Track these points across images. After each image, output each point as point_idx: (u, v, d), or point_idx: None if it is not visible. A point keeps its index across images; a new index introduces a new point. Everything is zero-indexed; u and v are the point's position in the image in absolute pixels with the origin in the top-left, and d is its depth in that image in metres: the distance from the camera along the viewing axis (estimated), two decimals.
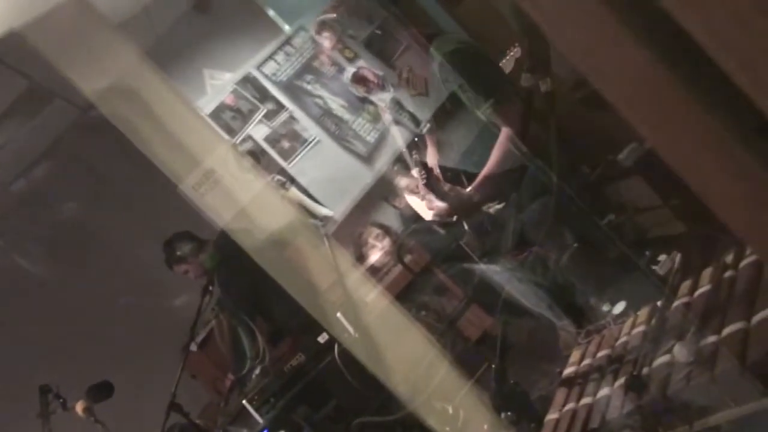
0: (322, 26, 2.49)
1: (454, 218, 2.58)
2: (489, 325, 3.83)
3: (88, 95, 4.20)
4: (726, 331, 1.62)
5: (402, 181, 3.67)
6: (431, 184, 2.46)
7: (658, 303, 2.06)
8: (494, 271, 2.74)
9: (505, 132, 2.41)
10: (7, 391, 4.38)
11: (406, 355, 3.74)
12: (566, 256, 2.74)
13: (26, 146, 4.36)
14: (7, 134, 4.01)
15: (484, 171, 2.46)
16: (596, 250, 2.73)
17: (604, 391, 1.90)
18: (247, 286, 3.66)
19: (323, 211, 4.75)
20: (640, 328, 2.08)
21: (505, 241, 2.62)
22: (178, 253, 3.82)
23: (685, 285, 2.04)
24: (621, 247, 2.72)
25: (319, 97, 4.82)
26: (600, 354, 2.18)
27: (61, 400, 3.25)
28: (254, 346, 3.75)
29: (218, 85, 4.79)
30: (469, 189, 2.50)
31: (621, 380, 1.86)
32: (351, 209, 4.66)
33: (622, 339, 2.14)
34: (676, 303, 1.97)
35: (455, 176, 2.56)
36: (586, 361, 2.21)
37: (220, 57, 4.79)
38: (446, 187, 2.45)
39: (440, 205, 2.50)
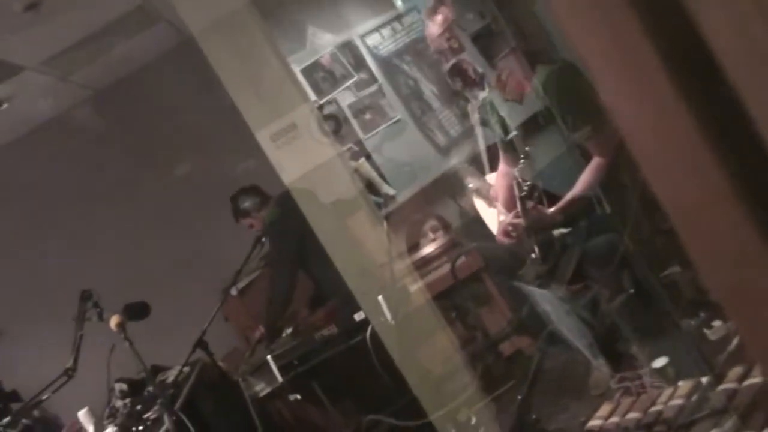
0: (436, 9, 2.45)
1: (527, 240, 2.53)
2: (525, 344, 3.78)
3: (189, 26, 4.27)
4: None
5: (472, 182, 3.63)
6: (522, 199, 2.40)
7: (703, 380, 1.98)
8: (544, 296, 2.69)
9: (597, 161, 2.34)
10: (50, 289, 4.56)
11: (434, 355, 3.72)
12: (620, 299, 2.67)
13: (121, 60, 4.46)
14: (107, 44, 4.10)
15: (571, 196, 2.39)
16: (651, 300, 2.65)
17: None
18: (298, 246, 3.70)
19: (388, 190, 4.75)
20: (678, 401, 2.00)
21: (563, 269, 2.56)
22: (243, 206, 3.90)
23: (736, 371, 1.95)
24: (676, 302, 2.64)
25: (413, 79, 4.79)
26: (630, 416, 2.10)
27: (98, 310, 3.34)
28: (290, 304, 3.79)
29: (318, 44, 4.81)
30: (551, 210, 2.43)
31: None
32: (414, 195, 4.65)
33: (657, 407, 2.06)
34: (722, 386, 1.89)
35: (530, 191, 2.49)
36: (614, 419, 2.14)
37: (328, 17, 4.80)
38: (529, 204, 2.39)
39: (516, 221, 2.44)
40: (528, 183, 2.32)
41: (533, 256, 2.55)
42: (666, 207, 0.60)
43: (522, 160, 2.40)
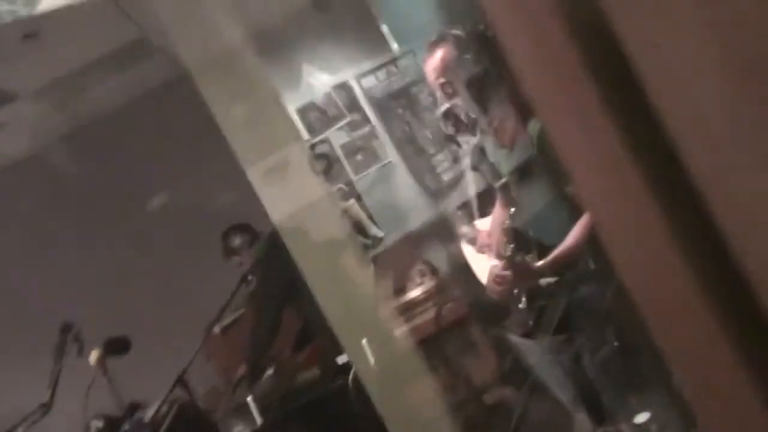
0: (437, 44, 2.45)
1: (514, 291, 2.50)
2: (507, 395, 3.75)
3: (185, 61, 4.30)
4: None
5: (462, 229, 3.63)
6: (502, 250, 2.38)
7: None
8: (527, 346, 2.67)
9: (588, 216, 2.33)
10: (29, 320, 4.50)
11: (416, 402, 3.68)
12: (604, 351, 2.65)
13: (115, 91, 4.47)
14: (99, 78, 4.12)
15: (562, 250, 2.37)
16: (635, 354, 2.64)
17: None
18: (284, 283, 3.67)
19: (376, 232, 4.75)
20: None
21: (548, 319, 2.55)
22: (232, 244, 3.87)
23: None
24: (660, 357, 2.62)
25: (407, 123, 4.83)
26: None
27: (78, 343, 3.30)
28: (274, 342, 3.75)
29: (313, 84, 4.85)
30: (539, 264, 2.41)
31: None
32: (403, 239, 4.65)
33: None
34: None
35: (520, 240, 2.48)
36: None
37: (324, 58, 4.85)
38: (517, 257, 2.37)
39: (504, 274, 2.43)
40: (511, 246, 2.31)
41: (521, 306, 2.53)
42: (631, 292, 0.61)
43: (512, 210, 2.40)
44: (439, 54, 2.38)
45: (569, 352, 2.72)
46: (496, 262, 2.61)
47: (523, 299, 2.52)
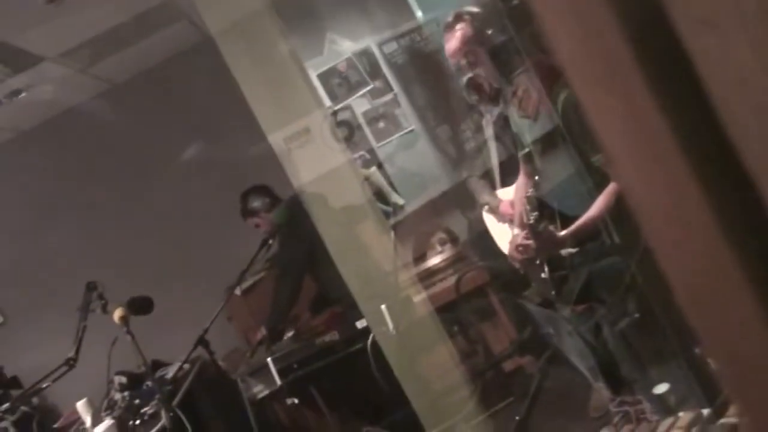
0: (454, 25, 2.44)
1: (537, 261, 2.50)
2: (526, 362, 3.77)
3: (209, 26, 4.30)
4: None
5: (483, 197, 3.62)
6: (533, 221, 2.37)
7: (704, 412, 1.96)
8: (548, 316, 2.68)
9: (614, 186, 2.31)
10: (56, 278, 4.58)
11: (434, 368, 3.71)
12: (624, 323, 2.66)
13: (139, 55, 4.48)
14: (126, 39, 4.13)
15: (584, 220, 2.36)
16: (656, 326, 2.64)
17: None
18: (305, 250, 3.69)
19: (397, 199, 4.75)
20: None
21: (569, 290, 2.55)
22: (251, 205, 3.88)
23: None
24: (681, 329, 2.62)
25: (430, 90, 4.80)
26: None
27: (103, 302, 3.36)
28: (293, 308, 3.78)
29: (336, 50, 4.82)
30: (562, 233, 2.40)
31: None
32: (423, 206, 4.65)
33: None
34: (722, 420, 1.87)
35: (543, 209, 2.47)
36: None
37: (346, 24, 4.82)
38: (540, 226, 2.36)
39: (526, 243, 2.42)
40: (535, 214, 2.30)
41: (543, 275, 2.53)
42: (666, 271, 0.61)
43: (536, 178, 2.39)
44: (458, 33, 2.37)
45: (589, 322, 2.73)
46: (518, 231, 2.61)
47: (546, 269, 2.52)
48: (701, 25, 0.50)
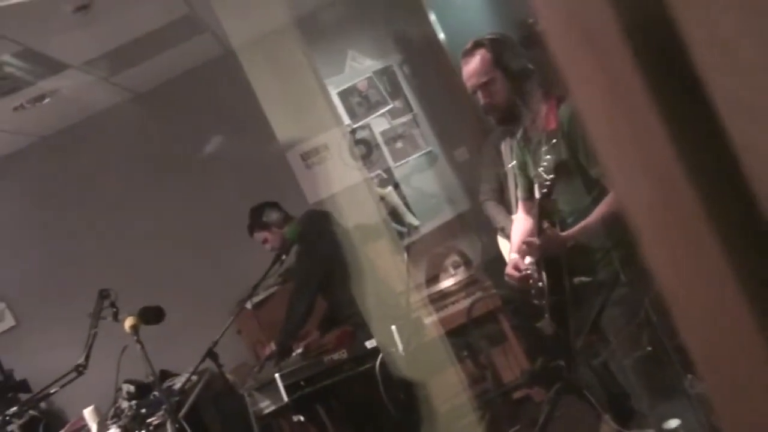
0: (473, 51, 2.45)
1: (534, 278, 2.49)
2: (534, 392, 3.74)
3: (231, 40, 4.34)
4: None
5: (499, 221, 3.61)
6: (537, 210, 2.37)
7: None
8: (558, 346, 2.65)
9: (614, 194, 2.30)
10: (69, 284, 4.61)
11: (442, 391, 3.68)
12: (636, 355, 2.63)
13: (162, 66, 4.53)
14: (150, 49, 4.17)
15: (585, 223, 2.36)
16: (667, 360, 2.61)
17: None
18: (322, 267, 3.67)
19: (412, 220, 4.75)
20: None
21: (583, 320, 2.53)
22: (266, 219, 3.80)
23: None
24: (692, 365, 2.59)
25: (449, 112, 4.81)
26: None
27: (114, 310, 3.37)
28: (305, 326, 3.77)
29: (357, 68, 4.85)
30: (566, 233, 2.41)
31: None
32: (438, 228, 4.65)
33: None
34: None
35: (550, 190, 2.47)
36: None
37: (368, 42, 4.84)
38: (544, 224, 2.36)
39: (531, 240, 2.42)
40: (549, 179, 2.27)
41: (540, 284, 2.51)
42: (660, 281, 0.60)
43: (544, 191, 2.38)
44: (477, 57, 2.38)
45: (601, 354, 2.70)
46: (515, 256, 2.60)
47: (544, 277, 2.50)
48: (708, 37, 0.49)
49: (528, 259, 2.56)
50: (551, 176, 2.28)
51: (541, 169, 2.31)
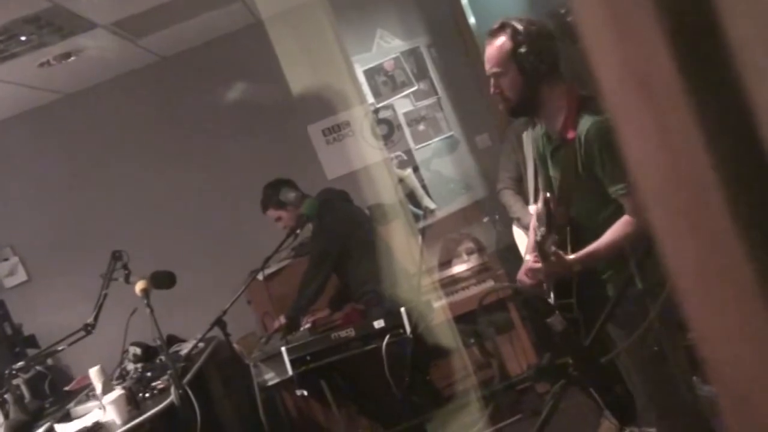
0: (497, 33, 2.39)
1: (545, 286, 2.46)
2: (538, 386, 3.72)
3: (261, 11, 4.32)
4: None
5: (515, 211, 3.59)
6: (540, 243, 2.32)
7: None
8: (567, 342, 2.63)
9: (627, 218, 2.26)
10: (83, 243, 4.64)
11: (446, 376, 3.69)
12: (642, 355, 2.61)
13: (190, 31, 4.51)
14: (176, 17, 4.15)
15: (594, 247, 2.32)
16: (671, 360, 2.58)
17: None
18: (339, 244, 3.66)
19: (429, 203, 4.73)
20: None
21: (592, 319, 2.51)
22: (283, 197, 3.74)
23: None
24: (696, 365, 2.57)
25: (474, 97, 4.76)
26: None
27: (126, 272, 3.39)
28: (317, 302, 3.77)
29: (385, 47, 4.81)
30: (571, 257, 2.36)
31: None
32: (454, 213, 4.62)
33: None
34: None
35: (551, 228, 2.42)
36: None
37: (398, 22, 4.80)
38: (548, 243, 2.30)
39: (536, 267, 2.37)
40: (542, 230, 2.24)
41: (549, 300, 2.49)
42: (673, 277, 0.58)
43: (547, 194, 2.34)
44: (497, 42, 2.31)
45: (607, 353, 2.68)
46: (529, 257, 2.57)
47: (552, 294, 2.47)
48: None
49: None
50: (557, 192, 2.24)
51: (552, 175, 2.28)
